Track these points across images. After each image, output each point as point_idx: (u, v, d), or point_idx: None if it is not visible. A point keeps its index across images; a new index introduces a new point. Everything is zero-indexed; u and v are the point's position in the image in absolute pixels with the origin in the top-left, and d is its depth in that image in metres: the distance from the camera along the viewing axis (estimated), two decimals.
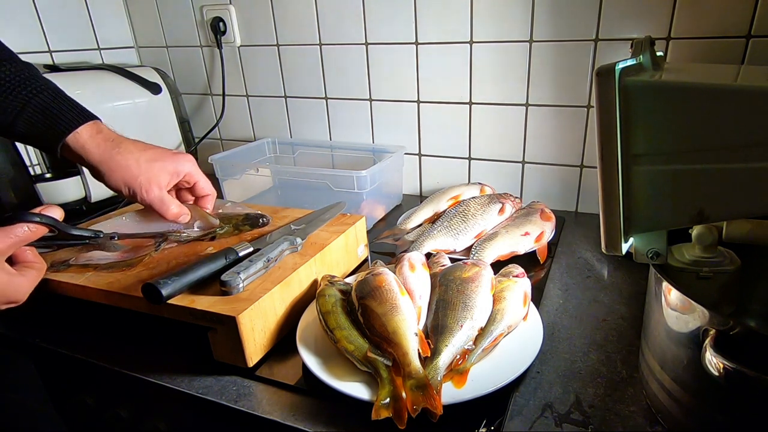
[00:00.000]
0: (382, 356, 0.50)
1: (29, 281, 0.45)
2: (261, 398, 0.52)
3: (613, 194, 0.43)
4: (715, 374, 0.36)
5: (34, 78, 0.60)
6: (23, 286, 0.45)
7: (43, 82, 0.61)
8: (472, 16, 0.91)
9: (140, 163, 0.61)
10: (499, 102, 0.96)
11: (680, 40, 0.79)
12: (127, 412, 0.66)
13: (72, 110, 0.60)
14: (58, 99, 0.60)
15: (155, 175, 0.61)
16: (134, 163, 0.60)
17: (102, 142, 0.60)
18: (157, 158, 0.62)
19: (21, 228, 0.43)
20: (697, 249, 0.52)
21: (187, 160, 0.66)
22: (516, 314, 0.56)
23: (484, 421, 0.46)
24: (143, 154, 0.61)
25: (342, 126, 1.13)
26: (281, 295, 0.59)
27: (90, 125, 0.60)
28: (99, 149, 0.60)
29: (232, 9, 1.12)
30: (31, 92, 0.59)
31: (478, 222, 0.80)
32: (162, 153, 0.64)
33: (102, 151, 0.60)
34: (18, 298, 0.45)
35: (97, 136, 0.60)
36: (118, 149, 0.60)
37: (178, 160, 0.64)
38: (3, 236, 0.42)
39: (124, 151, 0.60)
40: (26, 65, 0.61)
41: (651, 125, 0.41)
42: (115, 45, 1.24)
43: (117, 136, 0.62)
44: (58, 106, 0.59)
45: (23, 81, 0.59)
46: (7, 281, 0.43)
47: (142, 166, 0.61)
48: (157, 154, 0.63)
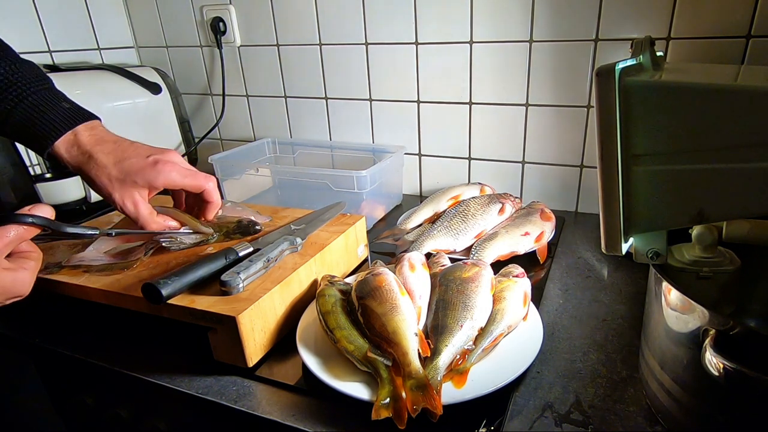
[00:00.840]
0: (382, 356, 0.50)
1: (30, 273, 0.45)
2: (261, 398, 0.52)
3: (613, 194, 0.43)
4: (715, 374, 0.36)
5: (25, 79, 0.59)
6: (26, 279, 0.45)
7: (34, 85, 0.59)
8: (472, 16, 0.91)
9: (112, 180, 0.58)
10: (499, 102, 0.96)
11: (680, 40, 0.79)
12: (127, 412, 0.66)
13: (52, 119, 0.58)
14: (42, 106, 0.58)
15: (129, 193, 0.59)
16: (107, 181, 0.58)
17: (75, 155, 0.59)
18: (129, 173, 0.58)
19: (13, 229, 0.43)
20: (697, 249, 0.52)
21: (163, 170, 0.59)
22: (516, 314, 0.56)
23: (484, 421, 0.46)
24: (115, 169, 0.58)
25: (342, 126, 1.13)
26: (281, 295, 0.59)
27: (66, 138, 0.58)
28: (74, 162, 0.59)
29: (232, 9, 1.12)
30: (14, 100, 0.57)
31: (478, 222, 0.80)
32: (136, 166, 0.59)
33: (76, 165, 0.59)
34: (23, 291, 0.45)
35: (72, 150, 0.59)
36: (89, 165, 0.58)
37: (150, 175, 0.59)
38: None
39: (95, 167, 0.58)
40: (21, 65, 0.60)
41: (651, 125, 0.41)
42: (115, 45, 1.24)
43: (93, 145, 0.59)
44: (39, 117, 0.58)
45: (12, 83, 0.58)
46: (11, 278, 0.43)
47: (114, 184, 0.58)
48: (130, 168, 0.59)
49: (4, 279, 0.43)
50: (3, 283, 0.43)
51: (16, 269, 0.44)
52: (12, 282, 0.43)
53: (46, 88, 0.60)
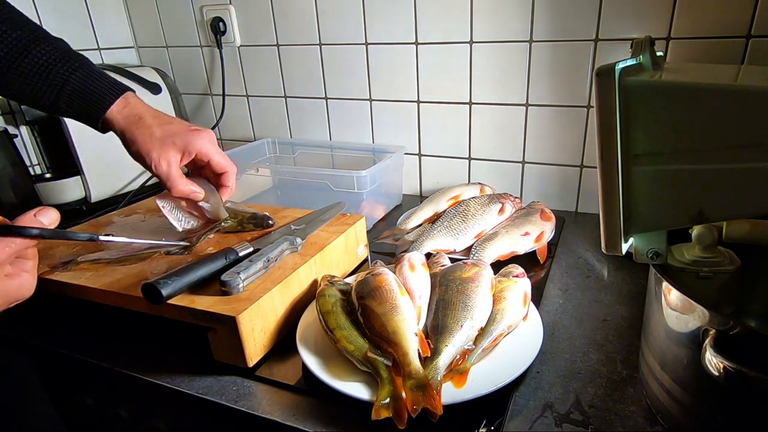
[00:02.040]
0: (382, 356, 0.50)
1: (31, 275, 0.46)
2: (261, 398, 0.52)
3: (613, 194, 0.43)
4: (715, 374, 0.36)
5: (69, 55, 0.63)
6: (29, 282, 0.45)
7: (77, 59, 0.63)
8: (472, 16, 0.91)
9: (154, 138, 0.63)
10: (499, 102, 0.96)
11: (680, 40, 0.79)
12: (127, 412, 0.66)
13: (106, 85, 0.63)
14: (93, 75, 0.63)
15: (165, 152, 0.63)
16: (149, 138, 0.63)
17: (127, 115, 0.64)
18: (170, 134, 0.64)
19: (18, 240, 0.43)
20: (697, 249, 0.52)
21: (200, 138, 0.66)
22: (516, 314, 0.56)
23: (484, 421, 0.46)
24: (159, 129, 0.64)
25: (342, 126, 1.13)
26: (281, 295, 0.59)
27: (120, 101, 0.64)
28: (123, 122, 0.63)
29: (232, 9, 1.12)
30: (68, 70, 0.61)
31: (478, 222, 0.80)
32: (178, 128, 0.65)
33: (125, 124, 0.63)
34: (27, 294, 0.46)
35: (124, 110, 0.64)
36: (138, 124, 0.63)
37: (189, 138, 0.65)
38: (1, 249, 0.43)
39: (142, 126, 0.63)
40: (58, 42, 0.63)
41: (651, 125, 0.41)
42: (115, 45, 1.24)
43: (142, 109, 0.65)
44: (93, 83, 0.63)
45: (59, 59, 0.61)
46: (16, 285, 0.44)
47: (156, 142, 0.63)
48: (172, 130, 0.64)
49: (9, 286, 0.43)
50: (8, 291, 0.43)
51: (19, 274, 0.45)
52: (17, 288, 0.44)
53: (88, 62, 0.64)
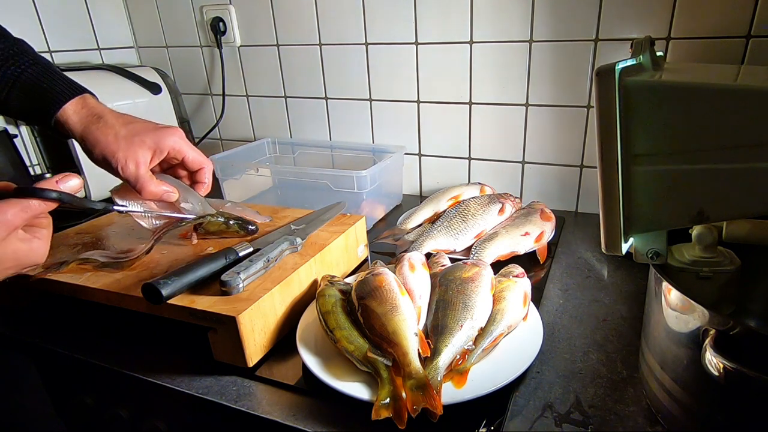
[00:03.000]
0: (382, 356, 0.50)
1: (44, 242, 0.46)
2: (261, 398, 0.52)
3: (613, 194, 0.43)
4: (715, 374, 0.36)
5: (24, 53, 0.60)
6: (41, 248, 0.45)
7: (33, 57, 0.60)
8: (472, 16, 0.91)
9: (119, 138, 0.58)
10: (499, 102, 0.96)
11: (680, 40, 0.79)
12: (127, 412, 0.66)
13: (61, 84, 0.60)
14: (48, 74, 0.60)
15: (133, 152, 0.59)
16: (113, 139, 0.58)
17: (85, 116, 0.59)
18: (137, 133, 0.59)
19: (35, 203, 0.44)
20: (697, 249, 0.52)
21: (170, 134, 0.61)
22: (516, 314, 0.56)
23: (484, 421, 0.46)
24: (123, 129, 0.59)
25: (342, 126, 1.13)
26: (281, 295, 0.59)
27: (76, 100, 0.60)
28: (81, 123, 0.59)
29: (232, 9, 1.12)
30: (20, 67, 0.58)
31: (478, 222, 0.80)
32: (143, 128, 0.60)
33: (84, 126, 0.59)
34: (38, 260, 0.46)
35: (81, 111, 0.59)
36: (98, 124, 0.59)
37: (159, 135, 0.60)
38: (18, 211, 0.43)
39: (103, 126, 0.59)
40: (17, 41, 0.61)
41: (651, 125, 0.41)
42: (115, 45, 1.24)
43: (102, 110, 0.61)
44: (47, 81, 0.59)
45: (13, 56, 0.59)
46: (27, 249, 0.44)
47: (121, 142, 0.58)
48: (137, 129, 0.60)
49: (20, 249, 0.44)
50: (19, 254, 0.44)
51: (31, 239, 0.45)
52: (27, 252, 0.44)
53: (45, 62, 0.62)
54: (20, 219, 0.43)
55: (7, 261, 0.43)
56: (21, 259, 0.44)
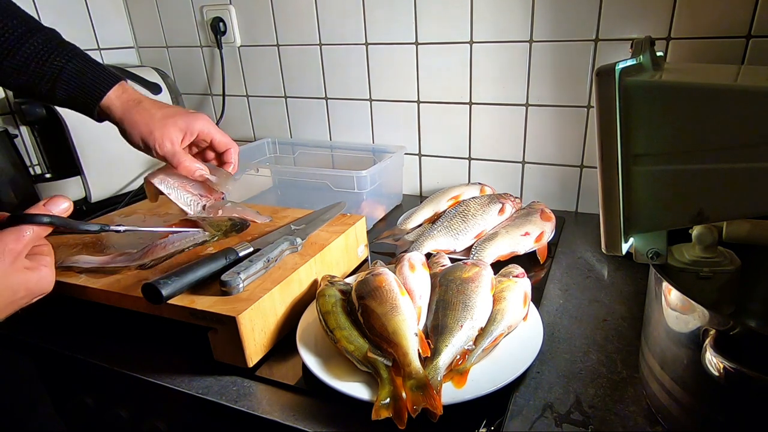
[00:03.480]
0: (382, 356, 0.50)
1: (50, 269, 0.46)
2: (261, 398, 0.52)
3: (613, 194, 0.43)
4: (715, 374, 0.36)
5: (64, 45, 0.64)
6: (49, 276, 0.45)
7: (72, 49, 0.65)
8: (472, 16, 0.91)
9: (155, 119, 0.65)
10: (499, 102, 0.96)
11: (680, 40, 0.79)
12: (127, 412, 0.66)
13: (102, 73, 0.65)
14: (89, 64, 0.65)
15: (168, 131, 0.65)
16: (150, 120, 0.65)
17: (126, 101, 0.65)
18: (171, 115, 0.66)
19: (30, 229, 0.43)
20: (697, 249, 0.52)
21: (200, 118, 0.68)
22: (516, 314, 0.56)
23: (484, 421, 0.46)
24: (159, 111, 0.66)
25: (342, 126, 1.13)
26: (281, 295, 0.59)
27: (117, 87, 0.65)
28: (122, 107, 0.65)
29: (232, 9, 1.12)
30: (64, 59, 0.63)
31: (478, 222, 0.80)
32: (176, 111, 0.68)
33: (124, 110, 0.65)
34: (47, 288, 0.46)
35: (122, 96, 0.65)
36: (138, 108, 0.65)
37: (190, 118, 0.67)
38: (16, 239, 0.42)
39: (141, 109, 0.65)
40: (53, 33, 0.65)
41: (651, 125, 0.41)
42: (115, 45, 1.24)
43: (139, 96, 0.67)
44: (90, 71, 0.64)
45: (55, 48, 0.63)
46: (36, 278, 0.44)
47: (157, 123, 0.65)
48: (171, 112, 0.67)
49: (29, 279, 0.43)
50: (29, 284, 0.43)
51: (38, 267, 0.45)
52: (37, 281, 0.44)
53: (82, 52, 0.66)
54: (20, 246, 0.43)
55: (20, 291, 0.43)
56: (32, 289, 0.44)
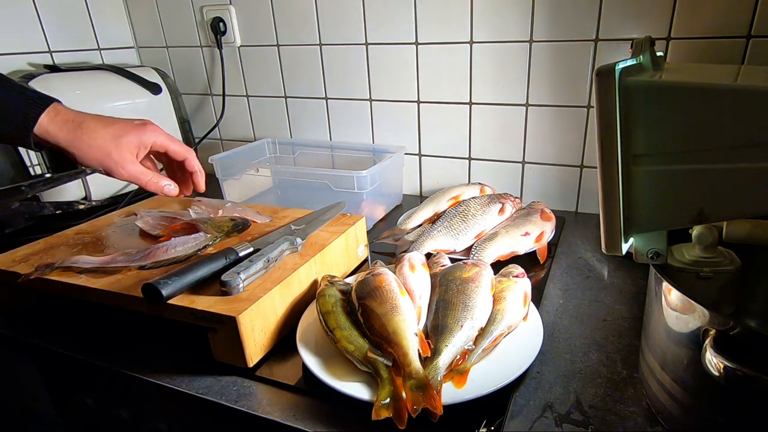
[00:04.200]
0: (382, 356, 0.50)
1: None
2: (261, 398, 0.52)
3: (613, 194, 0.43)
4: (715, 374, 0.36)
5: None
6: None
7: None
8: (472, 16, 0.91)
9: (107, 141, 0.60)
10: (499, 102, 0.96)
11: (680, 40, 0.79)
12: (127, 412, 0.66)
13: (28, 98, 0.59)
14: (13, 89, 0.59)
15: (123, 153, 0.61)
16: (101, 142, 0.60)
17: (63, 124, 0.60)
18: (121, 134, 0.62)
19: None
20: (697, 249, 0.52)
21: (148, 130, 0.64)
22: (516, 314, 0.56)
23: (484, 421, 0.46)
24: (107, 131, 0.61)
25: (342, 126, 1.13)
26: (281, 295, 0.59)
27: (49, 110, 0.59)
28: (62, 132, 0.59)
29: (232, 9, 1.12)
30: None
31: (478, 222, 0.80)
32: (124, 126, 0.63)
33: (66, 134, 0.59)
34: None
35: (57, 119, 0.60)
36: (81, 129, 0.60)
37: (140, 132, 0.63)
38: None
39: (88, 131, 0.60)
40: None
41: (651, 125, 0.41)
42: (115, 45, 1.24)
43: (76, 115, 0.61)
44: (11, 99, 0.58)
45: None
46: None
47: (110, 144, 0.60)
48: (119, 129, 0.62)
49: None
50: None
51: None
52: None
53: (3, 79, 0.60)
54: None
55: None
56: None
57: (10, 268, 0.65)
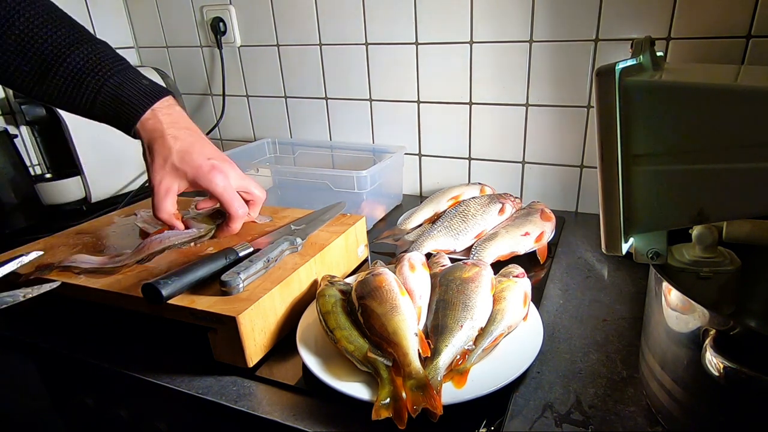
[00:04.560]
0: (382, 356, 0.50)
1: None
2: (261, 398, 0.52)
3: (613, 194, 0.43)
4: (715, 374, 0.36)
5: (106, 60, 0.61)
6: None
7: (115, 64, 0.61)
8: (472, 16, 0.91)
9: (167, 161, 0.61)
10: (499, 102, 0.96)
11: (680, 40, 0.79)
12: (127, 412, 0.66)
13: (138, 93, 0.61)
14: (128, 82, 0.61)
15: (170, 179, 0.61)
16: (161, 161, 0.61)
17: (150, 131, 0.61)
18: (186, 164, 0.61)
19: None
20: (697, 249, 0.52)
21: (215, 177, 0.62)
22: (516, 314, 0.56)
23: (484, 421, 0.46)
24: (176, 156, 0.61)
25: (342, 126, 1.13)
26: (281, 295, 0.59)
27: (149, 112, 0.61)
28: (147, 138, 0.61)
29: (232, 9, 1.12)
30: (104, 77, 0.59)
31: (478, 222, 0.80)
32: (196, 160, 0.62)
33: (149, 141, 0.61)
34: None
35: (148, 123, 0.61)
36: (158, 143, 0.61)
37: (204, 174, 0.62)
38: None
39: (162, 146, 0.61)
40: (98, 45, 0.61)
41: (651, 125, 0.41)
42: (115, 45, 1.23)
43: (168, 125, 0.62)
44: (127, 91, 0.60)
45: (95, 65, 0.59)
46: None
47: (167, 167, 0.61)
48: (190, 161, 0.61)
49: None
50: None
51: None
52: None
53: (125, 67, 0.62)
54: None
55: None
56: None
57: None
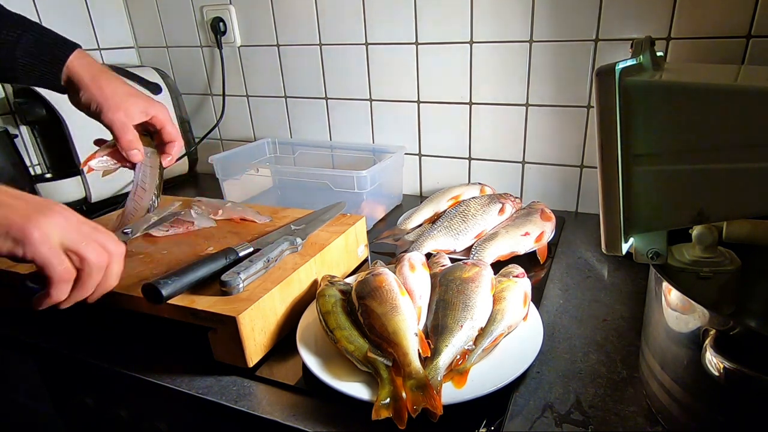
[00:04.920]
0: (382, 356, 0.50)
1: None
2: (261, 398, 0.52)
3: (613, 194, 0.43)
4: (715, 374, 0.36)
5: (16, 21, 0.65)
6: None
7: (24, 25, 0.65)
8: (472, 16, 0.91)
9: (117, 91, 0.67)
10: (499, 102, 0.96)
11: (680, 40, 0.79)
12: (127, 412, 0.66)
13: (58, 41, 0.66)
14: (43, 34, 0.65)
15: (127, 105, 0.67)
16: (113, 91, 0.66)
17: (89, 63, 0.67)
18: (134, 94, 0.69)
19: None
20: (697, 249, 0.52)
21: (160, 106, 0.71)
22: (516, 314, 0.56)
23: (484, 421, 0.46)
24: (122, 87, 0.68)
25: (342, 126, 1.13)
26: (281, 295, 0.59)
27: (77, 53, 0.66)
28: (88, 71, 0.66)
29: (232, 9, 1.12)
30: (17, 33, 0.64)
31: (478, 222, 0.80)
32: (138, 92, 0.70)
33: (93, 74, 0.66)
34: None
35: (84, 61, 0.67)
36: (107, 75, 0.67)
37: (150, 102, 0.70)
38: None
39: (110, 77, 0.67)
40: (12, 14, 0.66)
41: (651, 125, 0.41)
42: (115, 45, 1.24)
43: (101, 65, 0.68)
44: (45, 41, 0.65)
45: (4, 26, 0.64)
46: None
47: (119, 94, 0.67)
48: (134, 91, 0.70)
49: None
50: None
51: None
52: None
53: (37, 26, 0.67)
54: None
55: None
56: None
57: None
